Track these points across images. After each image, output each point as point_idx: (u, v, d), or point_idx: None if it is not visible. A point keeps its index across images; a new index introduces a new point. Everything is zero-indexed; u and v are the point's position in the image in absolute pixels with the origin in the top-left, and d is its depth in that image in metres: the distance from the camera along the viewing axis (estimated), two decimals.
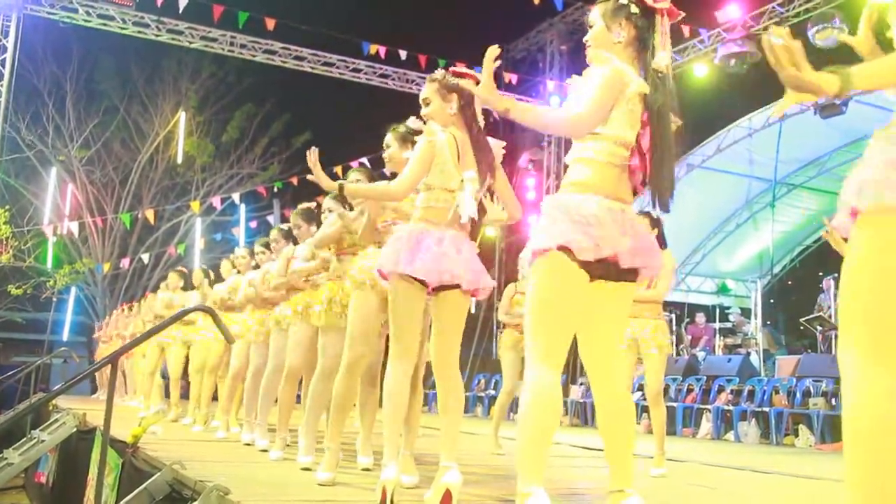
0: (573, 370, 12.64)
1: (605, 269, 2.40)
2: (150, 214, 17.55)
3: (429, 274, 3.07)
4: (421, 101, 3.35)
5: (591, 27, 2.57)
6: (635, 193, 2.52)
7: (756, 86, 12.53)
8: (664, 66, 2.50)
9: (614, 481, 2.43)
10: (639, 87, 2.44)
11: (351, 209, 4.21)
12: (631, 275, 2.48)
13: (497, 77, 2.54)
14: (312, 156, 3.34)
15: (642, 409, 9.69)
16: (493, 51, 2.48)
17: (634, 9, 2.50)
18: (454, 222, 3.16)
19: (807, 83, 1.73)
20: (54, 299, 19.55)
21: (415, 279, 3.10)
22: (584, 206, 2.38)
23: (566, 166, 2.56)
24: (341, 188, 3.37)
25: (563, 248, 2.34)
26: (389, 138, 3.83)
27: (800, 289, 15.48)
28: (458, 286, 3.14)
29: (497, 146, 3.34)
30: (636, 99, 2.45)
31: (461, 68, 3.27)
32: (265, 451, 4.97)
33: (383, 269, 3.19)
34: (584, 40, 2.60)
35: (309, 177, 3.38)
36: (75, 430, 6.82)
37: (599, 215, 2.37)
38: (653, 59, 2.50)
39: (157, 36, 13.46)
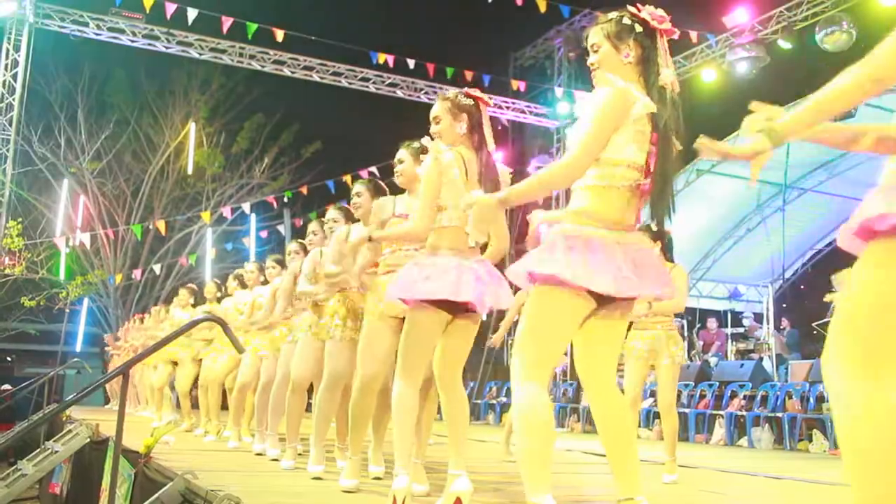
0: None
1: (612, 298, 2.42)
2: (161, 225, 17.64)
3: (467, 296, 3.04)
4: (431, 119, 3.32)
5: (594, 49, 2.56)
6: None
7: (765, 90, 12.50)
8: (669, 83, 2.51)
9: (622, 489, 2.43)
10: (645, 107, 2.44)
11: (355, 221, 4.29)
12: (632, 298, 2.50)
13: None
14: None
15: (654, 416, 9.67)
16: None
17: (638, 28, 2.52)
18: (466, 246, 3.15)
19: (736, 155, 1.92)
20: (67, 311, 19.67)
21: (441, 306, 3.08)
22: (595, 242, 2.39)
23: (568, 192, 2.56)
24: (370, 238, 3.48)
25: (576, 287, 2.35)
26: (403, 154, 3.82)
27: (812, 293, 15.40)
28: (470, 311, 3.15)
29: (504, 172, 3.34)
30: (644, 119, 2.45)
31: (475, 91, 3.29)
32: (276, 460, 4.99)
33: (404, 295, 3.13)
34: (589, 63, 2.59)
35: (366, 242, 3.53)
36: (88, 440, 6.85)
37: (612, 252, 2.38)
38: (658, 76, 2.51)
39: (167, 48, 13.55)
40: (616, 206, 2.45)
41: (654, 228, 4.72)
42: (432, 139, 3.32)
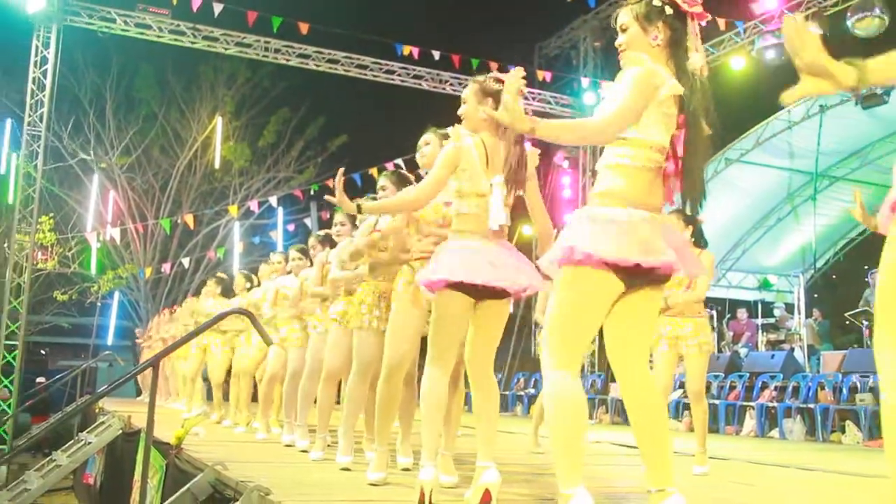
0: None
1: (639, 276, 2.38)
2: (189, 219, 17.78)
3: (487, 278, 3.01)
4: (462, 100, 3.33)
5: (622, 30, 2.54)
6: (667, 199, 2.51)
7: (795, 77, 12.30)
8: (699, 68, 2.48)
9: (654, 481, 2.40)
10: (673, 89, 2.41)
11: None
12: (661, 278, 2.46)
13: (531, 75, 2.52)
14: (339, 180, 3.30)
15: (684, 407, 9.60)
16: (518, 72, 2.50)
17: (668, 10, 2.48)
18: (489, 231, 3.13)
19: (824, 70, 1.75)
20: (98, 304, 19.98)
21: (465, 290, 3.06)
22: (619, 217, 2.37)
23: (596, 172, 2.54)
24: (359, 209, 3.31)
25: (602, 261, 2.32)
26: (429, 136, 3.82)
27: (845, 283, 15.21)
28: (502, 296, 3.12)
29: (532, 153, 3.31)
30: (671, 101, 2.42)
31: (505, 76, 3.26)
32: (305, 451, 5.01)
33: (432, 278, 3.12)
34: (616, 44, 2.56)
35: (327, 197, 3.35)
36: (121, 432, 6.95)
37: (636, 225, 2.36)
38: (687, 60, 2.48)
39: (193, 43, 13.63)
40: (641, 187, 2.42)
41: (688, 212, 4.70)
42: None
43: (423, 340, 3.33)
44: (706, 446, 4.77)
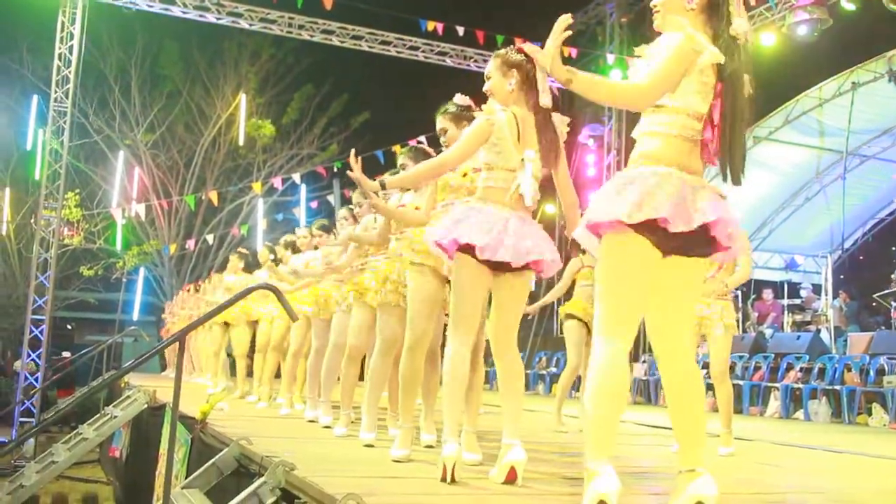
0: (636, 347, 12.47)
1: (678, 244, 2.32)
2: (213, 196, 17.87)
3: (496, 251, 2.99)
4: (485, 76, 3.29)
5: None
6: (706, 166, 2.43)
7: (826, 54, 12.10)
8: (742, 33, 2.39)
9: (685, 460, 2.37)
10: (712, 57, 2.34)
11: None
12: (703, 250, 2.39)
13: None
14: (355, 164, 3.29)
15: (707, 388, 9.53)
16: (565, 20, 2.39)
17: None
18: (516, 203, 3.10)
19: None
20: (124, 280, 20.17)
21: (479, 260, 3.04)
22: (642, 175, 2.32)
23: (633, 141, 2.48)
24: (383, 185, 3.31)
25: (638, 224, 2.26)
26: (442, 122, 3.79)
27: (873, 264, 14.99)
28: (522, 268, 3.09)
29: (561, 122, 3.25)
30: (709, 69, 2.35)
31: (527, 45, 3.20)
32: (328, 427, 5.03)
33: (443, 239, 3.10)
34: (651, 4, 2.49)
35: (350, 173, 3.34)
36: (146, 406, 7.01)
37: (662, 181, 2.29)
38: (728, 25, 2.39)
39: (218, 19, 13.61)
40: (679, 152, 2.36)
41: (730, 183, 4.62)
42: (471, 99, 3.30)
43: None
44: (731, 427, 4.73)
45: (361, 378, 5.11)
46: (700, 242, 2.35)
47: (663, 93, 2.34)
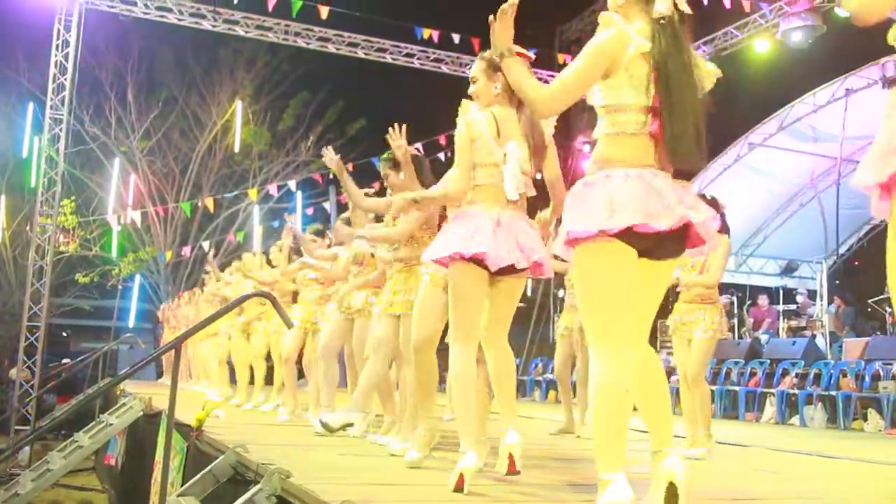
0: None
1: (650, 245, 2.30)
2: (209, 203, 17.86)
3: (492, 255, 3.00)
4: (470, 79, 3.34)
5: None
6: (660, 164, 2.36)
7: (820, 60, 12.15)
8: (665, 11, 2.33)
9: (655, 442, 2.40)
10: (637, 49, 2.29)
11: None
12: (673, 249, 2.38)
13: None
14: (340, 174, 3.38)
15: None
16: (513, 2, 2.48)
17: None
18: (506, 200, 3.10)
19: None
20: (119, 287, 20.11)
21: (476, 263, 3.05)
22: (595, 181, 2.32)
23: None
24: (415, 201, 3.31)
25: (610, 232, 2.24)
26: (384, 169, 4.12)
27: (868, 269, 15.01)
28: (516, 271, 3.09)
29: (549, 122, 3.28)
30: (638, 61, 2.30)
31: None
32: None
33: (441, 255, 3.12)
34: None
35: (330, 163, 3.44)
36: (142, 413, 6.99)
37: (633, 187, 2.26)
38: (650, 7, 2.34)
39: (214, 26, 13.63)
40: (634, 150, 2.32)
41: (710, 197, 4.62)
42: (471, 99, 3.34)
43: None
44: (710, 429, 4.74)
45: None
46: (672, 240, 2.33)
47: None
